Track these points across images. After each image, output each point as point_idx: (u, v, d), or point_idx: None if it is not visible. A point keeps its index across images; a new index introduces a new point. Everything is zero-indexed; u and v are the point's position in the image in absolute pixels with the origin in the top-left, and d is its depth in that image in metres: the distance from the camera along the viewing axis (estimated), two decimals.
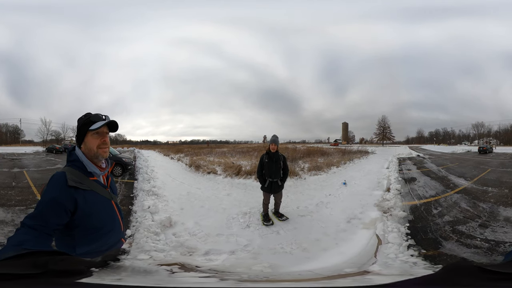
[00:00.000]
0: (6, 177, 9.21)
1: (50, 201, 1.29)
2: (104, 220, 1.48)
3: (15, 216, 4.61)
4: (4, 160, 16.69)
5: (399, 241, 3.52)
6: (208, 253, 3.43)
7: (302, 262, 3.18)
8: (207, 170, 10.80)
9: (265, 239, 3.93)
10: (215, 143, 69.43)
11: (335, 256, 3.29)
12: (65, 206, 1.32)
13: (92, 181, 1.47)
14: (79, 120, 1.51)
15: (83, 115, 1.51)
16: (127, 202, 5.82)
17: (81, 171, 1.44)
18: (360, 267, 2.90)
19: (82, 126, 1.48)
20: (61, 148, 30.41)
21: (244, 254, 3.45)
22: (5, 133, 59.98)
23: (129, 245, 3.48)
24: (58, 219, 1.30)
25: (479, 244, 3.44)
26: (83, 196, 1.39)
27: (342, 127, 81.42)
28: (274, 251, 3.54)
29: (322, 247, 3.62)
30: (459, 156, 22.07)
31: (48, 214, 1.27)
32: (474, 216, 4.63)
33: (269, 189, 4.76)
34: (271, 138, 4.97)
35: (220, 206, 5.72)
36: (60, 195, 1.32)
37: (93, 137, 1.46)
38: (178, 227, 4.37)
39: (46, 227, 1.24)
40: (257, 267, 2.85)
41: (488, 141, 55.37)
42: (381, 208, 5.16)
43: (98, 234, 1.44)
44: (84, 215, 1.38)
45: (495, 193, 6.47)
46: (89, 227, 1.40)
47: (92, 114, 1.50)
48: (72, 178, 1.37)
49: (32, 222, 1.22)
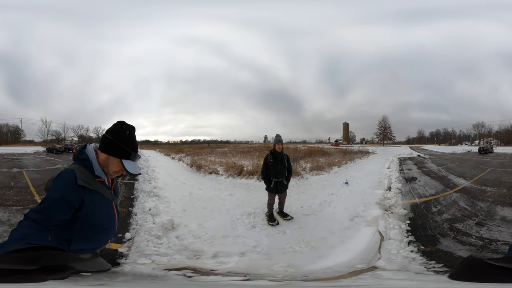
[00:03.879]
0: (5, 177, 9.15)
1: (58, 199, 1.32)
2: (104, 219, 1.52)
3: (11, 216, 4.59)
4: (4, 160, 16.57)
5: (400, 238, 3.71)
6: (217, 255, 3.39)
7: (316, 261, 3.26)
8: (208, 170, 10.80)
9: (272, 239, 3.98)
10: (215, 143, 69.53)
11: (343, 253, 3.39)
12: (72, 204, 1.35)
13: (98, 182, 1.49)
14: (122, 133, 1.47)
15: (128, 131, 1.47)
16: (127, 203, 5.72)
17: (89, 170, 1.46)
18: (368, 263, 3.02)
19: (121, 147, 1.45)
20: (61, 148, 30.12)
21: (255, 255, 3.45)
22: (6, 133, 60.06)
23: (127, 249, 3.44)
24: (63, 215, 1.33)
25: (473, 242, 3.61)
26: (89, 195, 1.42)
27: (342, 127, 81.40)
28: (284, 250, 3.60)
29: (329, 244, 3.72)
30: (459, 156, 22.20)
31: (54, 211, 1.29)
32: (471, 215, 4.80)
33: (275, 189, 4.81)
34: (275, 138, 5.01)
35: (223, 207, 5.71)
36: (69, 193, 1.35)
37: (118, 164, 1.48)
38: (181, 230, 4.32)
39: (49, 222, 1.26)
40: (276, 267, 2.89)
41: (489, 141, 55.40)
42: (383, 206, 5.33)
43: (96, 232, 1.48)
44: (88, 213, 1.42)
45: (493, 192, 6.63)
46: (89, 224, 1.44)
47: (136, 150, 1.49)
48: (81, 177, 1.40)
49: (36, 216, 1.24)
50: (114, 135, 1.46)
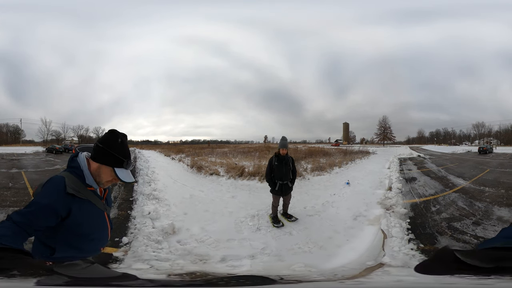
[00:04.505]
0: (3, 178, 9.17)
1: (45, 206, 1.29)
2: (92, 229, 1.46)
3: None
4: (3, 161, 16.49)
5: (401, 235, 3.90)
6: (225, 259, 3.32)
7: (327, 260, 3.36)
8: (209, 172, 10.66)
9: (279, 241, 3.98)
10: (215, 143, 69.63)
11: (350, 252, 3.54)
12: (58, 212, 1.31)
13: (89, 191, 1.44)
14: (113, 141, 1.43)
15: (120, 140, 1.44)
16: (126, 206, 5.55)
17: (79, 179, 1.41)
18: (375, 260, 3.18)
19: (112, 151, 1.41)
20: (61, 149, 29.80)
21: (266, 257, 3.42)
22: (6, 133, 60.08)
23: (123, 253, 3.35)
24: (46, 222, 1.29)
25: (468, 240, 3.80)
26: (78, 205, 1.37)
27: (343, 127, 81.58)
28: (294, 251, 3.61)
29: (336, 244, 3.85)
30: (459, 156, 22.35)
31: (37, 216, 1.26)
32: (469, 214, 4.98)
33: (280, 191, 4.83)
34: (280, 142, 5.06)
35: (226, 210, 5.62)
36: (57, 201, 1.31)
37: (111, 173, 1.43)
38: (183, 234, 4.21)
39: (30, 227, 1.24)
40: (296, 267, 2.98)
41: (489, 141, 55.56)
42: (384, 205, 5.51)
43: (82, 241, 1.43)
44: (75, 223, 1.37)
45: (492, 193, 6.79)
46: (75, 233, 1.39)
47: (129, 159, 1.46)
48: (70, 185, 1.35)
49: (18, 219, 1.22)
50: (105, 143, 1.42)
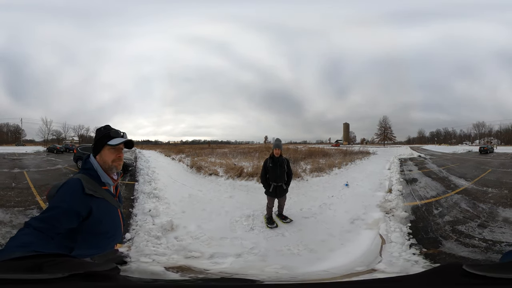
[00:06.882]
0: (6, 178, 9.20)
1: (66, 208, 1.31)
2: (109, 227, 1.53)
3: (13, 217, 4.61)
4: (5, 161, 16.61)
5: (402, 240, 3.68)
6: (213, 256, 3.45)
7: (313, 263, 3.28)
8: (208, 172, 10.82)
9: (270, 242, 3.98)
10: (216, 143, 69.62)
11: (343, 256, 3.41)
12: (79, 213, 1.35)
13: (104, 190, 1.53)
14: (98, 132, 1.58)
15: (103, 127, 1.58)
16: (128, 204, 5.81)
17: (94, 179, 1.49)
18: (368, 266, 3.04)
19: (100, 138, 1.55)
20: (62, 148, 29.84)
21: (251, 256, 3.47)
22: (6, 133, 60.09)
23: (127, 249, 3.50)
24: (69, 224, 1.32)
25: (477, 244, 3.58)
26: (97, 204, 1.44)
27: (343, 127, 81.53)
28: (282, 253, 3.61)
29: (329, 247, 3.73)
30: (460, 157, 22.15)
31: (60, 220, 1.28)
32: (473, 217, 4.77)
33: (274, 193, 4.79)
34: (274, 143, 4.98)
35: (222, 209, 5.72)
36: (77, 202, 1.35)
37: (110, 151, 1.55)
38: (180, 231, 4.37)
39: (52, 231, 1.24)
40: (269, 269, 2.94)
41: (489, 141, 55.42)
42: (384, 208, 5.31)
43: (100, 239, 1.49)
44: (95, 222, 1.42)
45: (495, 194, 6.59)
46: (94, 233, 1.44)
47: (112, 129, 1.58)
48: (87, 186, 1.42)
49: (39, 225, 1.21)
50: (94, 138, 1.60)
